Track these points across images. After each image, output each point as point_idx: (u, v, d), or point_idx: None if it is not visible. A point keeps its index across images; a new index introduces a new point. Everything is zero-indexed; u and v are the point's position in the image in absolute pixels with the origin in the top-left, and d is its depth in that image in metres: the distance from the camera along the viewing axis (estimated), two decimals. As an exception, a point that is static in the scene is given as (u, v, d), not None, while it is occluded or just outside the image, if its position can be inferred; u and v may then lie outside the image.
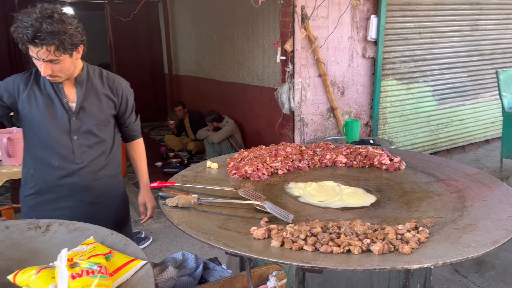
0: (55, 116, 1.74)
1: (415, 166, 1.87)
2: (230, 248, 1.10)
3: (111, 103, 1.86)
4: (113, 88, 1.87)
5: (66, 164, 1.77)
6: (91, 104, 1.79)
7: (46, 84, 1.74)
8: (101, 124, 1.83)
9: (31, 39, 1.52)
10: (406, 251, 1.08)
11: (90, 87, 1.80)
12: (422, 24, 4.67)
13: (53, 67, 1.61)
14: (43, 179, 1.79)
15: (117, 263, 1.16)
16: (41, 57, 1.56)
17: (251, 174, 1.79)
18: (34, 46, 1.54)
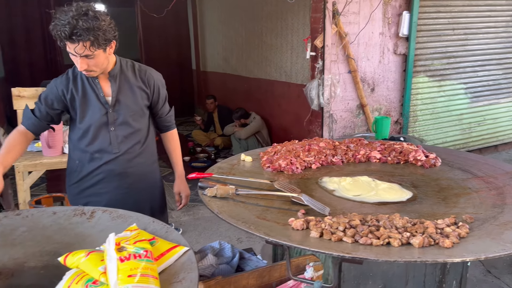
0: (94, 110, 1.85)
1: (451, 163, 1.85)
2: (270, 237, 1.13)
3: (144, 94, 1.94)
4: (145, 79, 1.94)
5: (104, 153, 1.90)
6: (125, 96, 1.88)
7: (84, 81, 1.85)
8: (136, 115, 1.92)
9: (69, 36, 1.61)
10: (447, 245, 1.08)
11: (123, 80, 1.89)
12: (456, 20, 4.56)
13: (89, 62, 1.70)
14: (85, 168, 1.92)
15: (161, 248, 1.21)
16: (78, 52, 1.66)
17: (285, 167, 1.81)
18: (71, 43, 1.64)
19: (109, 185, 1.93)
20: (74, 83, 1.84)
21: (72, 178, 1.96)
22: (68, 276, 1.12)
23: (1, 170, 1.65)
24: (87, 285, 1.07)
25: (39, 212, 1.53)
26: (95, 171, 1.91)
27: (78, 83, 1.85)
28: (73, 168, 1.95)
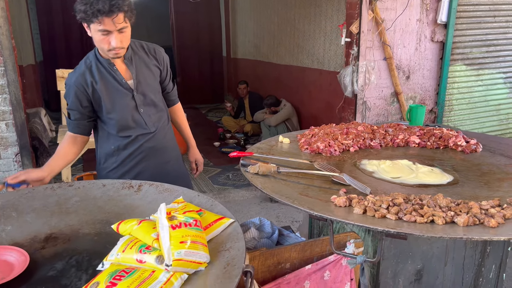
0: (121, 97, 1.86)
1: (492, 149, 1.82)
2: (315, 212, 1.16)
3: (158, 70, 1.96)
4: (156, 56, 1.95)
5: (142, 134, 1.94)
6: (144, 76, 1.90)
7: (101, 71, 1.83)
8: (156, 92, 1.97)
9: (108, 8, 1.60)
10: (493, 224, 1.09)
11: (138, 60, 1.89)
12: (497, 6, 4.40)
13: (121, 37, 1.69)
14: (124, 152, 1.96)
15: (208, 219, 1.26)
16: (116, 23, 1.64)
17: (323, 149, 1.83)
18: (110, 15, 1.61)
19: (150, 162, 1.99)
20: (91, 75, 1.82)
21: (109, 164, 1.98)
22: (122, 242, 1.19)
23: (48, 177, 1.76)
24: (140, 250, 1.13)
25: (89, 184, 1.62)
26: (136, 152, 1.95)
27: (95, 74, 1.82)
28: (108, 154, 1.97)
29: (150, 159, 1.99)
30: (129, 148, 1.95)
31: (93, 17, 1.62)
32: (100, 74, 1.82)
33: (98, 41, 1.70)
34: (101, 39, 1.68)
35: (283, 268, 1.27)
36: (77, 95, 1.82)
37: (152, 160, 1.99)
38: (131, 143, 1.94)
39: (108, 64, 1.82)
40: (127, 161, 1.97)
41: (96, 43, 1.73)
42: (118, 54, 1.74)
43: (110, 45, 1.69)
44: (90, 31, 1.70)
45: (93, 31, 1.68)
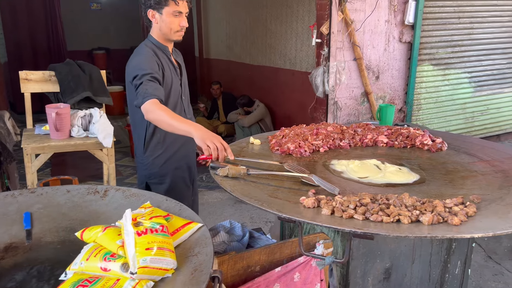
0: (174, 81, 2.08)
1: (457, 147, 1.87)
2: (283, 214, 1.16)
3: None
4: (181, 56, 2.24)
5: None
6: (184, 70, 2.18)
7: (162, 56, 2.03)
8: (187, 87, 2.22)
9: None
10: (456, 222, 1.11)
11: (177, 56, 2.18)
12: (462, 8, 4.54)
13: (186, 19, 2.01)
14: (168, 137, 2.09)
15: (175, 224, 1.24)
16: (186, 7, 1.98)
17: (294, 150, 1.84)
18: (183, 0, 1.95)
19: (188, 148, 2.19)
20: (157, 57, 2.01)
21: (156, 150, 2.10)
22: (86, 250, 1.15)
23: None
24: (105, 258, 1.10)
25: (53, 190, 1.56)
26: (179, 137, 2.00)
27: (159, 56, 2.02)
28: (158, 142, 2.09)
29: (189, 145, 2.15)
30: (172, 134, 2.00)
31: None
32: (162, 58, 2.03)
33: (169, 22, 1.97)
34: (172, 20, 1.96)
35: (253, 271, 1.26)
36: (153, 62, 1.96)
37: (190, 146, 2.17)
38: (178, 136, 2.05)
39: (165, 52, 2.06)
40: (170, 147, 2.12)
41: (166, 26, 1.98)
42: (181, 35, 2.04)
43: (179, 26, 1.98)
44: (161, 15, 1.96)
45: (166, 14, 1.95)
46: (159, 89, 1.88)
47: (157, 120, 1.80)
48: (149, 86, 1.85)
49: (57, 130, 2.80)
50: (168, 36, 2.02)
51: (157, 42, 2.05)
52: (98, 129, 2.87)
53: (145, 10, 2.01)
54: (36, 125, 3.05)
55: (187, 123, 1.73)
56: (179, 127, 1.72)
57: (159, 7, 1.95)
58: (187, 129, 1.68)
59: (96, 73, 3.16)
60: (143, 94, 1.83)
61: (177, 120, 1.75)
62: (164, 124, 1.78)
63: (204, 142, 1.57)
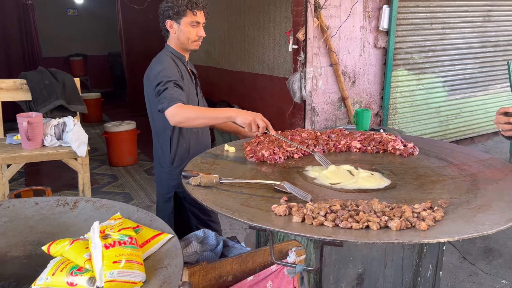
0: (191, 88, 2.14)
1: (428, 151, 1.91)
2: (254, 223, 1.15)
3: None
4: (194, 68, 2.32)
5: (204, 132, 2.25)
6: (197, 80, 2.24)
7: (180, 65, 2.09)
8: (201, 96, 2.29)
9: (202, 4, 2.03)
10: (423, 227, 1.13)
11: (192, 66, 2.25)
12: (434, 14, 4.66)
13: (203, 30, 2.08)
14: (194, 147, 2.17)
15: (145, 236, 1.22)
16: (204, 18, 2.06)
17: (268, 157, 1.84)
18: (201, 10, 2.03)
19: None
20: (176, 65, 2.07)
21: (184, 160, 2.11)
22: (53, 264, 1.12)
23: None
24: (72, 272, 1.08)
25: (20, 203, 1.52)
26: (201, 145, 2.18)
27: (178, 65, 2.08)
28: (184, 154, 2.15)
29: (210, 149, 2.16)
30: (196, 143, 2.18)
31: (192, 9, 2.00)
32: (180, 67, 2.09)
33: (187, 32, 2.04)
34: (190, 30, 2.04)
35: (225, 281, 1.25)
36: (175, 70, 2.02)
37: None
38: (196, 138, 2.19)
39: (182, 61, 2.14)
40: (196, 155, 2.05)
41: (184, 35, 2.05)
42: (199, 45, 2.11)
43: (196, 36, 2.06)
44: (179, 25, 2.04)
45: (184, 24, 2.03)
46: (183, 96, 1.93)
47: (190, 119, 1.84)
48: (174, 91, 1.89)
49: (29, 139, 2.74)
50: (185, 46, 2.09)
51: (175, 51, 2.12)
52: (72, 138, 2.81)
53: (163, 21, 2.09)
54: (7, 134, 2.97)
55: (222, 110, 1.84)
56: (218, 116, 1.83)
57: (177, 18, 2.03)
58: (227, 115, 1.79)
59: (70, 81, 3.11)
60: (169, 98, 1.86)
61: (213, 111, 1.86)
62: (199, 120, 1.84)
63: (248, 123, 1.74)
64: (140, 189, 4.52)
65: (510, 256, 3.05)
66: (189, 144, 2.16)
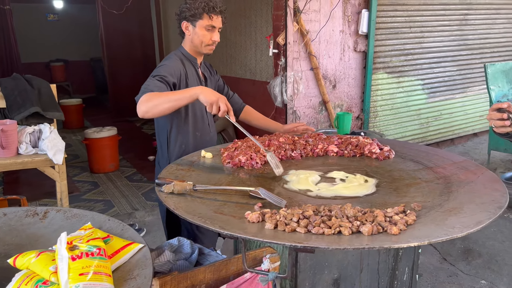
0: None
1: (404, 155, 1.92)
2: (225, 231, 1.14)
3: (215, 83, 2.32)
4: (211, 68, 2.33)
5: (205, 134, 2.22)
6: (210, 82, 2.25)
7: (189, 67, 2.10)
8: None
9: (219, 8, 2.01)
10: (394, 232, 1.13)
11: (205, 67, 2.26)
12: (412, 18, 4.73)
13: (219, 36, 2.09)
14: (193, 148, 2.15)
15: (115, 246, 1.20)
16: (220, 23, 2.05)
17: (245, 163, 1.83)
18: (218, 15, 2.02)
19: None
20: (183, 66, 2.07)
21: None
22: (18, 278, 1.09)
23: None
24: (37, 286, 1.05)
25: (-12, 214, 1.47)
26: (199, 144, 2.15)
27: (186, 66, 2.09)
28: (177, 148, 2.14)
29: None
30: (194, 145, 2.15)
31: (208, 13, 1.99)
32: (188, 68, 2.09)
33: (201, 35, 2.03)
34: (205, 34, 2.03)
35: (199, 290, 1.23)
36: (175, 70, 2.01)
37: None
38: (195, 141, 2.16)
39: (194, 63, 2.14)
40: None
41: (198, 38, 2.04)
42: (212, 49, 2.11)
43: (210, 40, 2.05)
44: (194, 27, 2.03)
45: (199, 27, 2.02)
46: (161, 88, 1.86)
47: (155, 106, 1.76)
48: (151, 83, 1.87)
49: (3, 147, 2.67)
50: (198, 49, 2.09)
51: (187, 53, 2.13)
52: (48, 146, 2.76)
53: (179, 21, 2.09)
54: (-20, 143, 2.89)
55: (189, 89, 1.78)
56: (182, 95, 1.75)
57: (193, 20, 2.02)
58: (191, 93, 1.73)
59: (46, 88, 3.05)
60: (142, 90, 1.84)
61: (177, 92, 1.81)
62: (165, 105, 1.75)
63: (210, 103, 1.68)
64: (121, 196, 4.45)
65: (489, 256, 3.09)
66: (188, 145, 2.14)
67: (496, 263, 3.01)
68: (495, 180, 1.52)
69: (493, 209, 1.27)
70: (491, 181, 1.51)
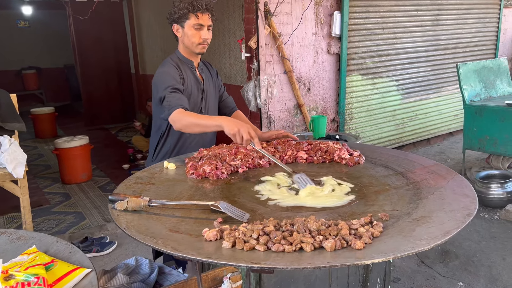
0: (196, 95, 2.16)
1: (374, 159, 1.87)
2: (178, 252, 1.05)
3: (217, 84, 2.33)
4: (214, 71, 2.34)
5: (198, 136, 2.21)
6: (209, 85, 2.24)
7: (186, 70, 2.12)
8: (215, 102, 2.31)
9: (205, 6, 2.02)
10: (358, 246, 1.06)
11: (206, 72, 2.26)
12: (385, 19, 4.73)
13: (209, 34, 2.10)
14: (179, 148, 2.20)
15: (58, 272, 1.10)
16: (208, 20, 2.05)
17: (210, 173, 1.74)
18: (204, 13, 2.03)
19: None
20: (179, 71, 2.09)
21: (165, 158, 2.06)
22: None
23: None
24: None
25: None
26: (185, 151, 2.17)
27: (182, 70, 2.10)
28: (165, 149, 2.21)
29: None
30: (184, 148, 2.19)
31: (194, 11, 2.01)
32: (185, 72, 2.12)
33: (191, 35, 2.06)
34: (194, 33, 2.05)
35: (153, 316, 1.14)
36: (173, 74, 2.04)
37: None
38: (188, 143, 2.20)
39: (190, 66, 2.16)
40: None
41: (188, 38, 2.07)
42: (205, 48, 2.11)
43: (201, 39, 2.06)
44: (183, 28, 2.07)
45: (188, 26, 2.05)
46: (182, 99, 1.97)
47: (186, 126, 1.88)
48: (172, 97, 1.94)
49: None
50: (191, 49, 2.11)
51: (182, 56, 2.16)
52: (8, 159, 2.62)
53: (170, 25, 2.13)
54: None
55: (215, 118, 1.89)
56: (208, 123, 1.84)
57: (181, 21, 2.06)
58: (217, 123, 1.80)
59: (5, 98, 2.90)
60: (168, 106, 1.92)
61: (205, 118, 1.90)
62: (193, 127, 1.88)
63: (233, 134, 1.72)
64: (93, 207, 4.30)
65: (466, 258, 3.07)
66: (175, 146, 2.20)
67: (472, 264, 2.99)
68: (465, 185, 1.48)
69: (461, 217, 1.22)
70: (461, 186, 1.47)
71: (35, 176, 5.41)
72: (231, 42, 4.90)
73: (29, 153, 6.54)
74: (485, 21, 5.79)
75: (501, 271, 2.88)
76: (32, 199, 2.91)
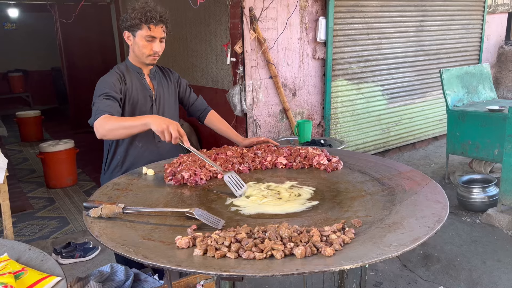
0: (143, 103, 2.09)
1: (352, 165, 1.88)
2: (148, 260, 1.05)
3: (174, 89, 2.25)
4: (172, 77, 2.26)
5: (148, 143, 2.13)
6: (163, 92, 2.18)
7: (132, 77, 2.07)
8: (172, 108, 2.23)
9: (159, 18, 1.96)
10: (328, 253, 1.07)
11: (159, 78, 2.19)
12: (370, 25, 4.78)
13: (161, 45, 2.04)
14: (131, 159, 2.12)
15: (28, 281, 1.09)
16: (160, 33, 2.00)
17: (188, 179, 1.74)
18: (158, 24, 1.97)
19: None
20: (123, 79, 2.02)
21: (115, 172, 2.12)
22: None
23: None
24: None
25: None
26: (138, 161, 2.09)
27: (126, 80, 2.04)
28: (115, 162, 2.14)
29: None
30: (132, 156, 2.12)
31: (146, 23, 1.95)
32: (131, 80, 2.06)
33: (141, 46, 2.00)
34: (145, 45, 2.00)
35: (125, 324, 1.13)
36: (117, 88, 1.97)
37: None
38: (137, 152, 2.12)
39: (138, 73, 2.10)
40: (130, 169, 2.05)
41: (139, 49, 2.02)
42: (155, 59, 2.07)
43: (151, 51, 2.01)
44: (134, 37, 2.00)
45: (139, 37, 1.99)
46: (112, 106, 1.87)
47: (110, 130, 1.77)
48: (101, 104, 1.86)
49: None
50: (140, 59, 2.06)
51: (131, 64, 2.11)
52: (-13, 164, 2.59)
53: (122, 31, 2.06)
54: None
55: (141, 117, 1.77)
56: (135, 123, 1.73)
57: (132, 30, 1.99)
58: (143, 122, 1.70)
59: (-15, 102, 2.87)
60: (94, 112, 1.84)
61: (130, 119, 1.79)
62: (118, 130, 1.77)
63: (161, 131, 1.65)
64: (77, 212, 4.26)
65: (447, 261, 3.11)
66: (124, 158, 2.12)
67: (454, 267, 3.02)
68: (438, 191, 1.50)
69: (432, 224, 1.24)
70: (434, 193, 1.49)
71: (19, 180, 5.34)
72: (218, 47, 4.91)
73: (14, 157, 6.48)
74: (469, 27, 5.88)
75: (481, 275, 2.92)
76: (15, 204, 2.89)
